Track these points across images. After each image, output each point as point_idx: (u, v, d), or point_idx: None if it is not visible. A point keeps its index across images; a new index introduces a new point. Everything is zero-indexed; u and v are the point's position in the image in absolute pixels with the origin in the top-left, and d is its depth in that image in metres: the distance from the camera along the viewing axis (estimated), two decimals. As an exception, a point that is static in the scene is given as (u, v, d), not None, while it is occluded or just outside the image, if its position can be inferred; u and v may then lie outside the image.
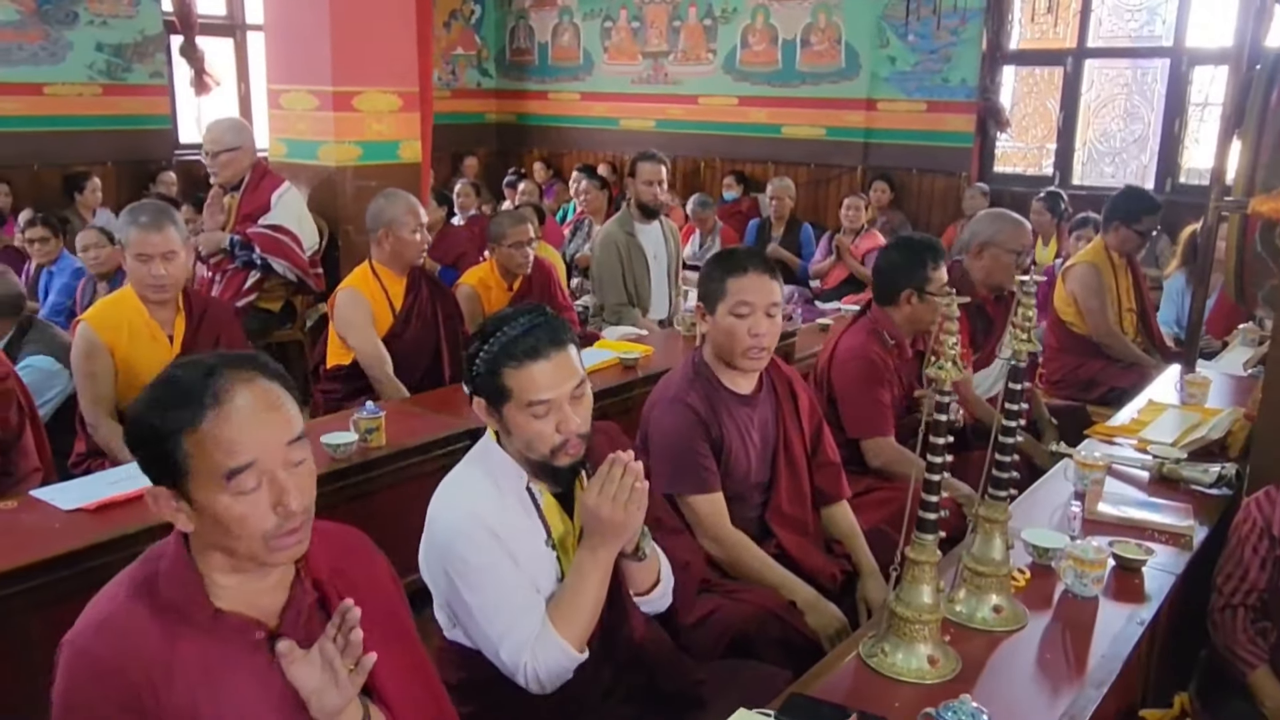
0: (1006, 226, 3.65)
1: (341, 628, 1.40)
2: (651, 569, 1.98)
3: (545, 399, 1.81)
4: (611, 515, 1.78)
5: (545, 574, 1.88)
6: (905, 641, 1.84)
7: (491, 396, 1.85)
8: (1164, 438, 3.06)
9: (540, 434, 1.82)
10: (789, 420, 2.55)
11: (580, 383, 1.86)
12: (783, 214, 7.40)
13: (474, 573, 1.82)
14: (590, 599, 1.83)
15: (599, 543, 1.83)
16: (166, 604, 1.38)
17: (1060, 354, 4.61)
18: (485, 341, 1.85)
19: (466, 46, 10.62)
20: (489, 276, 4.28)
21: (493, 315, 1.93)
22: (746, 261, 2.44)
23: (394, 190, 3.88)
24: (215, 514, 1.35)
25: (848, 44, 8.31)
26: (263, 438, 1.36)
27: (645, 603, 2.00)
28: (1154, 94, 7.36)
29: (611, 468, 1.79)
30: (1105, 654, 1.95)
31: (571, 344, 1.87)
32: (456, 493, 1.90)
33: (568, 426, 1.83)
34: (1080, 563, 2.13)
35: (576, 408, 1.85)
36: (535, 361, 1.80)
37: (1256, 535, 2.41)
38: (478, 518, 1.83)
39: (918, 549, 1.82)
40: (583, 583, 1.83)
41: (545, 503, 1.92)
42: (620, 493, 1.78)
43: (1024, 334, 1.97)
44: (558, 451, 1.84)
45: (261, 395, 1.38)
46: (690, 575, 2.20)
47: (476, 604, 1.82)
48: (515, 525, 1.86)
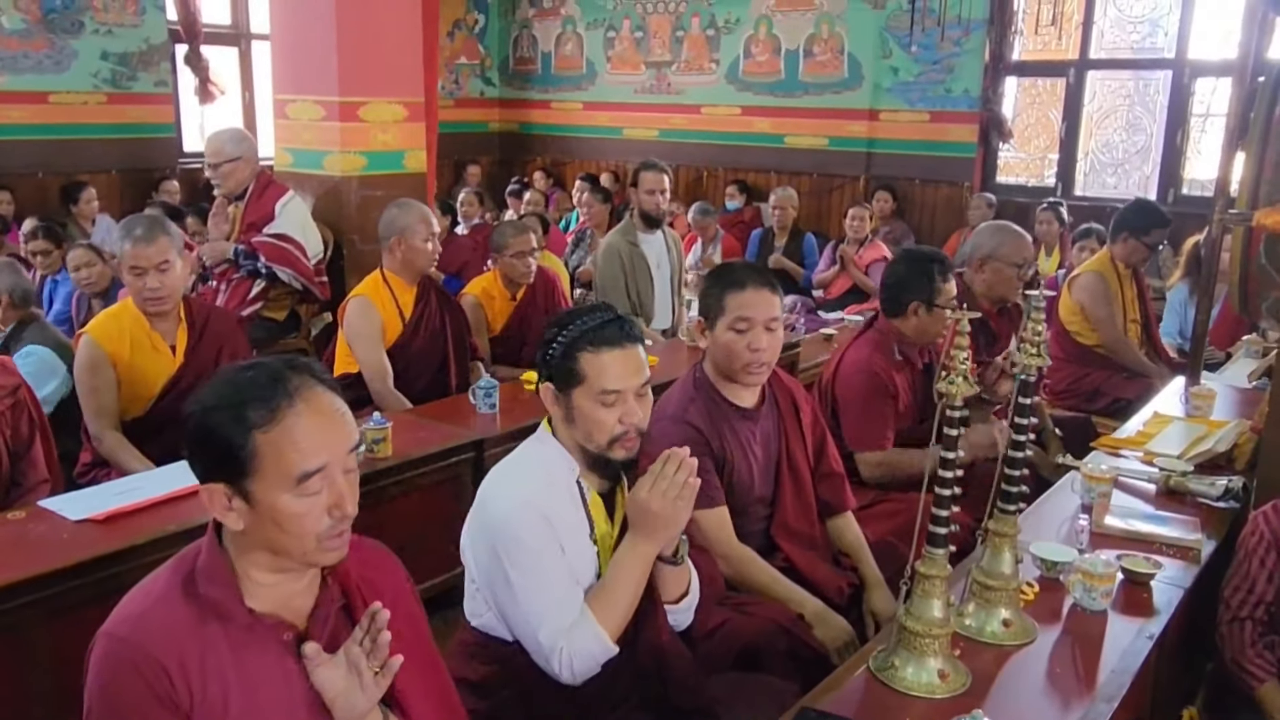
0: (1008, 239, 3.66)
1: (370, 631, 1.44)
2: (683, 578, 2.01)
3: (616, 388, 1.88)
4: (662, 509, 1.83)
5: (586, 568, 1.92)
6: (915, 655, 1.84)
7: (563, 380, 1.91)
8: (1170, 450, 3.07)
9: (602, 422, 1.88)
10: (791, 433, 2.55)
11: (646, 381, 1.93)
12: (786, 224, 7.41)
13: (525, 554, 1.85)
14: (629, 592, 1.87)
15: (644, 537, 1.87)
16: (204, 601, 1.41)
17: (1065, 364, 4.61)
18: (564, 328, 1.92)
19: (470, 56, 10.66)
20: (492, 286, 4.29)
21: (569, 309, 2.03)
22: (745, 276, 2.45)
23: (407, 200, 3.90)
24: (275, 512, 1.39)
25: (850, 54, 8.32)
26: (332, 442, 1.41)
27: (673, 613, 2.02)
28: (1156, 105, 7.37)
29: (667, 463, 1.84)
30: (1115, 668, 1.95)
31: (641, 344, 1.95)
32: (513, 476, 1.96)
33: (631, 419, 1.89)
34: (1089, 577, 2.13)
35: (640, 403, 1.92)
36: (612, 350, 1.88)
37: (1264, 548, 2.41)
38: (532, 502, 1.88)
39: (928, 563, 1.83)
40: (624, 575, 1.87)
41: (591, 500, 1.96)
42: (672, 488, 1.83)
43: (1034, 348, 1.98)
44: (615, 443, 1.90)
45: (328, 401, 1.43)
46: (713, 590, 2.21)
47: (522, 584, 1.85)
48: (563, 516, 1.91)
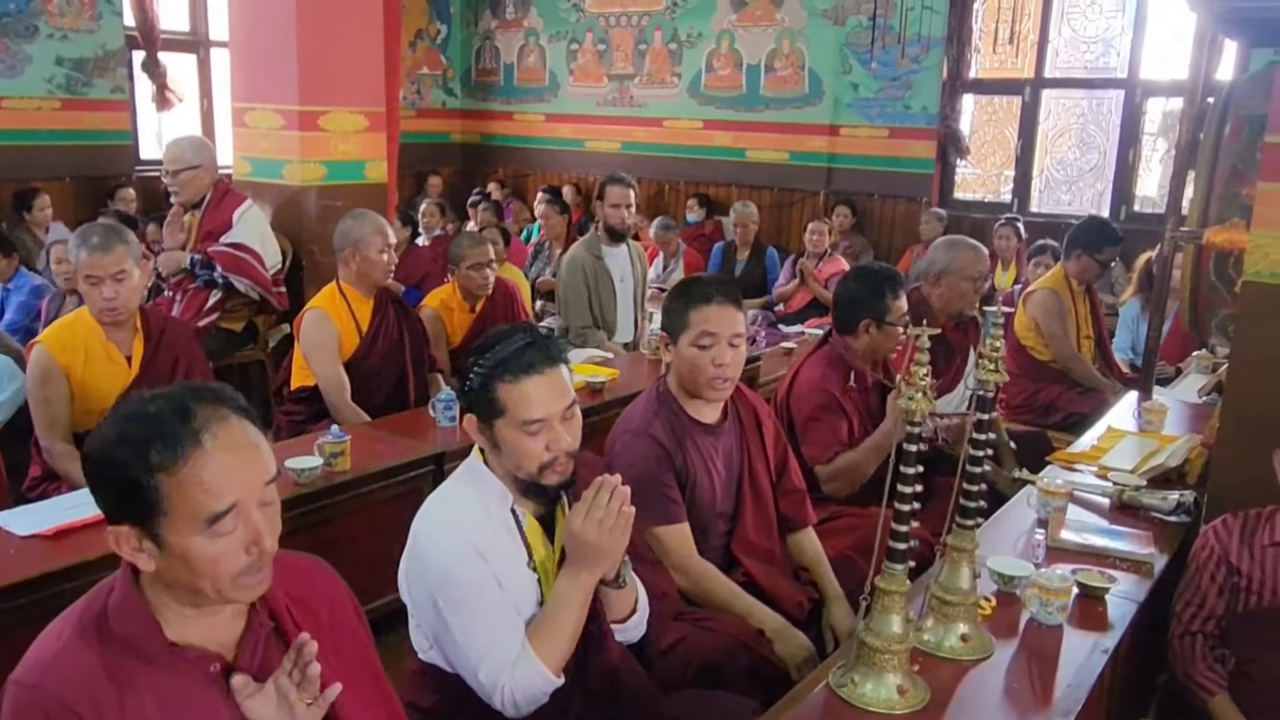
0: (963, 255, 3.70)
1: (298, 662, 1.38)
2: (629, 597, 1.99)
3: (538, 416, 1.83)
4: (597, 539, 1.80)
5: (526, 597, 1.89)
6: (875, 671, 1.84)
7: (484, 412, 1.87)
8: (1124, 464, 3.11)
9: (529, 452, 1.84)
10: (754, 449, 2.56)
11: (571, 403, 1.89)
12: (747, 239, 7.45)
13: (460, 592, 1.82)
14: (570, 624, 1.84)
15: (582, 567, 1.84)
16: (118, 639, 1.35)
17: (1020, 379, 4.66)
18: (480, 357, 1.88)
19: (432, 66, 10.62)
20: (451, 299, 4.27)
21: (490, 332, 1.95)
22: (710, 292, 2.45)
23: (362, 210, 3.86)
24: (187, 555, 1.33)
25: (811, 70, 8.40)
26: (244, 479, 1.34)
27: (621, 631, 2.00)
28: (1109, 124, 7.51)
29: (599, 492, 1.81)
30: (1071, 683, 1.96)
31: (564, 363, 1.91)
32: (444, 511, 1.91)
33: (558, 445, 1.85)
34: (1045, 591, 2.15)
35: (567, 427, 1.88)
36: (530, 377, 1.83)
37: (1214, 563, 2.45)
38: (466, 537, 1.84)
39: (888, 579, 1.83)
40: (564, 607, 1.84)
41: (528, 525, 1.93)
42: (606, 517, 1.80)
43: (991, 364, 2.00)
44: (546, 469, 1.86)
45: (240, 434, 1.36)
46: (666, 605, 2.20)
47: (459, 624, 1.82)
48: (500, 546, 1.88)
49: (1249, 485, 2.52)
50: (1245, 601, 2.42)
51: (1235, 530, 2.46)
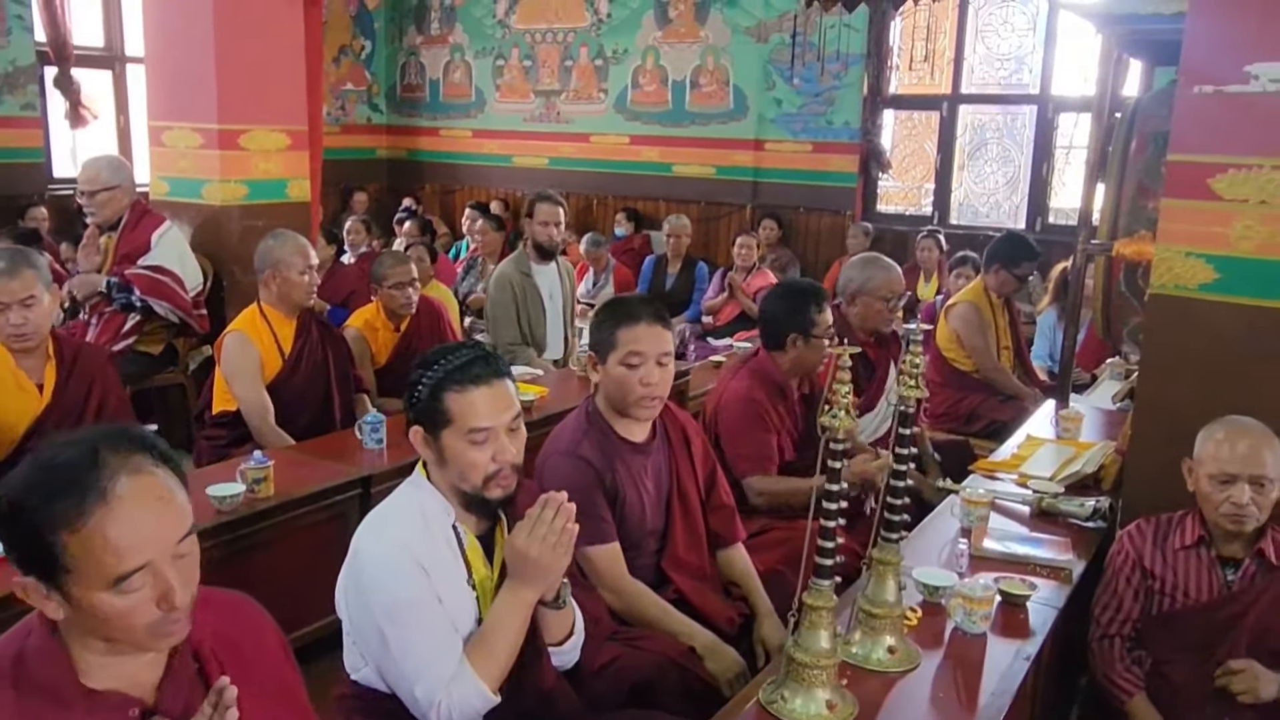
0: (877, 274, 3.75)
1: (217, 706, 1.34)
2: (567, 619, 1.99)
3: (485, 425, 1.85)
4: (540, 556, 1.80)
5: (465, 615, 1.89)
6: (804, 687, 1.86)
7: (431, 422, 1.87)
8: (1042, 472, 3.19)
9: (475, 462, 1.85)
10: (683, 466, 2.57)
11: (517, 415, 1.91)
12: (680, 251, 7.49)
13: (399, 607, 1.81)
14: (509, 641, 1.84)
15: (523, 584, 1.84)
16: (34, 684, 1.31)
17: (942, 389, 4.76)
18: (429, 368, 1.89)
19: (357, 82, 10.51)
20: (375, 318, 4.22)
21: (436, 347, 1.97)
22: (637, 312, 2.47)
23: (282, 230, 3.80)
24: (95, 610, 1.28)
25: (735, 86, 8.50)
26: (154, 537, 1.29)
27: (557, 654, 2.00)
28: (1023, 138, 7.73)
29: (544, 508, 1.82)
30: (995, 690, 2.01)
31: (509, 378, 1.92)
32: (386, 525, 1.90)
33: (504, 455, 1.87)
34: (968, 601, 2.19)
35: (513, 439, 1.90)
36: (478, 387, 1.85)
37: (1130, 567, 2.53)
38: (408, 551, 1.84)
39: (814, 595, 1.86)
40: (503, 624, 1.84)
41: (469, 544, 1.93)
42: (550, 534, 1.81)
43: (911, 380, 2.04)
44: (490, 481, 1.87)
45: (151, 488, 1.30)
46: (600, 629, 2.20)
47: (397, 639, 1.81)
48: (440, 563, 1.87)
49: (1161, 490, 2.61)
50: (1159, 604, 2.50)
51: (1148, 535, 2.54)
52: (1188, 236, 2.62)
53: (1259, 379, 2.56)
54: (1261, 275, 2.52)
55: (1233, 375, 2.60)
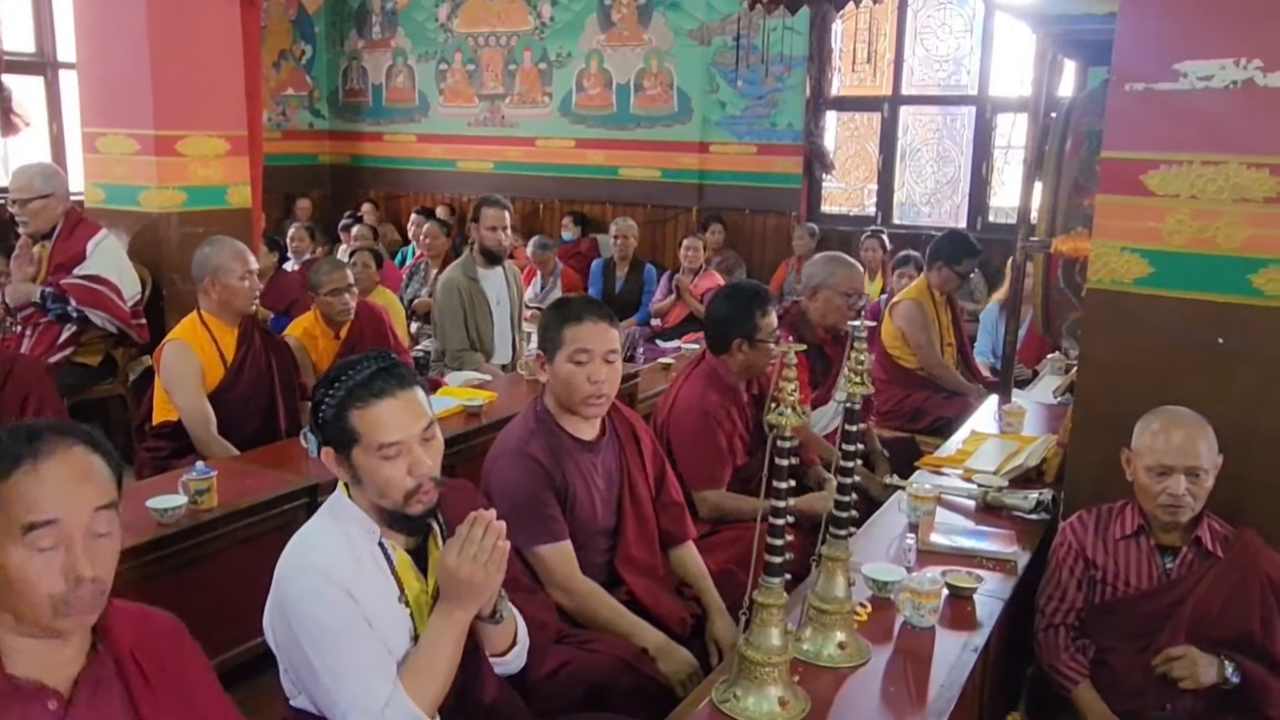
0: (839, 270, 3.80)
1: None
2: (508, 631, 1.96)
3: (395, 440, 1.79)
4: (471, 576, 1.76)
5: (398, 634, 1.84)
6: (756, 685, 1.87)
7: (339, 442, 1.82)
8: (987, 466, 3.24)
9: (391, 479, 1.79)
10: (633, 464, 2.57)
11: (430, 424, 1.85)
12: (627, 254, 7.49)
13: (325, 635, 1.76)
14: (444, 663, 1.80)
15: (456, 604, 1.80)
16: None
17: (888, 386, 4.82)
18: (330, 386, 1.83)
19: (298, 87, 10.38)
20: (314, 326, 4.17)
21: (338, 361, 1.91)
22: (583, 310, 2.47)
23: (219, 237, 3.74)
24: (5, 569, 1.34)
25: (679, 89, 8.53)
26: (69, 499, 1.36)
27: (500, 664, 1.97)
28: (963, 139, 7.85)
29: (473, 527, 1.78)
30: (944, 683, 2.03)
31: (419, 386, 1.87)
32: (308, 550, 1.84)
33: (420, 469, 1.80)
34: (916, 594, 2.22)
35: (427, 450, 1.83)
36: (382, 400, 1.79)
37: (1073, 558, 2.57)
38: (331, 577, 1.78)
39: (764, 593, 1.87)
40: (437, 646, 1.80)
41: (399, 560, 1.88)
42: (481, 553, 1.76)
43: (858, 376, 2.06)
44: (411, 497, 1.81)
45: (78, 461, 1.39)
46: (545, 635, 2.18)
47: (325, 668, 1.76)
48: (369, 584, 1.82)
49: (1102, 481, 2.67)
50: (1102, 593, 2.55)
51: (1090, 525, 2.59)
52: (1122, 232, 2.68)
53: (1193, 370, 2.62)
54: (1193, 268, 2.58)
55: (1168, 367, 2.65)
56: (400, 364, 1.86)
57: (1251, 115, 2.49)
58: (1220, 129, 2.53)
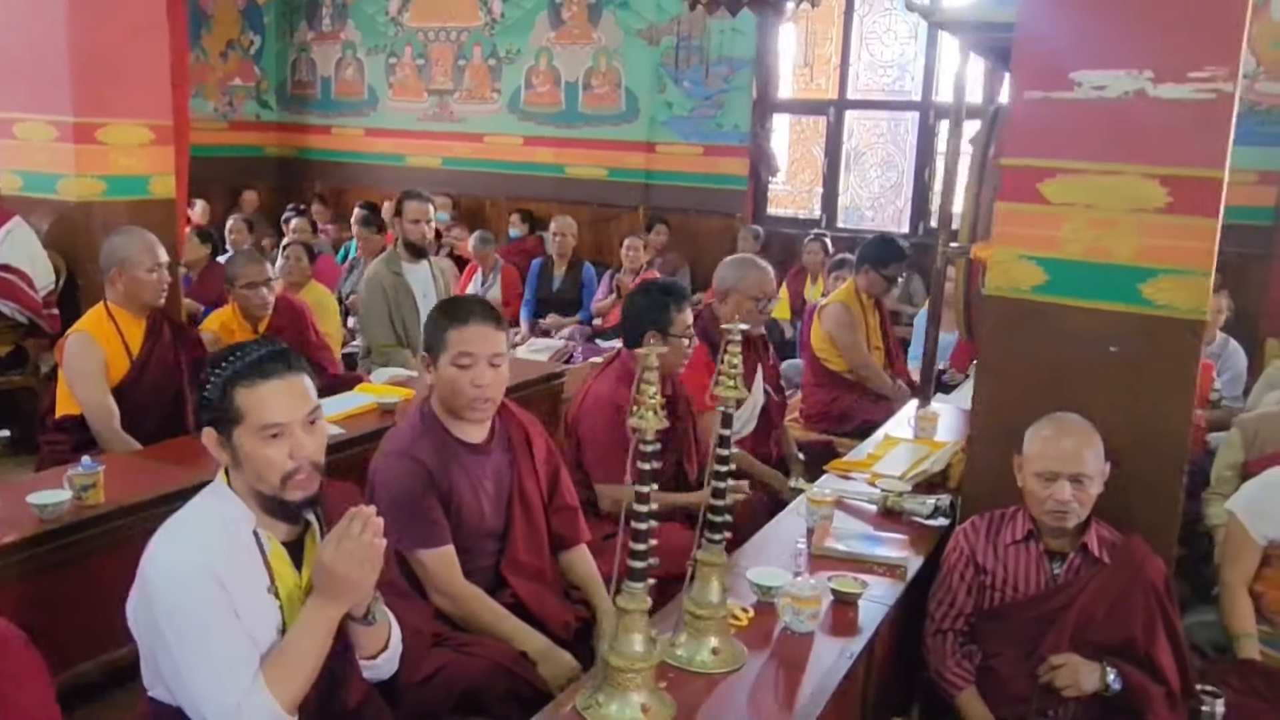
0: (750, 274, 3.78)
1: None
2: (381, 633, 1.93)
3: (278, 421, 1.79)
4: (346, 572, 1.75)
5: (265, 625, 1.81)
6: (619, 691, 1.84)
7: (223, 421, 1.81)
8: (893, 471, 3.24)
9: (271, 460, 1.79)
10: (523, 467, 2.54)
11: (314, 410, 1.85)
12: (565, 252, 7.44)
13: (189, 624, 1.73)
14: (310, 659, 1.77)
15: (328, 600, 1.78)
16: None
17: (816, 389, 4.83)
18: (218, 365, 1.83)
19: (245, 77, 10.25)
20: (231, 320, 4.10)
21: (226, 347, 1.91)
22: (469, 312, 2.44)
23: (130, 227, 3.67)
24: None
25: (627, 88, 8.52)
26: None
27: (370, 668, 1.93)
28: (906, 144, 7.90)
29: (351, 522, 1.76)
30: (815, 689, 2.02)
31: (305, 374, 1.87)
32: (178, 537, 1.82)
33: (301, 452, 1.80)
34: (796, 600, 2.20)
35: (310, 435, 1.83)
36: (269, 381, 1.80)
37: (963, 563, 2.58)
38: (200, 565, 1.75)
39: (627, 598, 1.84)
40: (304, 641, 1.78)
41: (272, 550, 1.86)
42: (358, 549, 1.75)
43: (730, 380, 2.04)
44: (289, 481, 1.80)
45: None
46: (420, 641, 2.14)
47: (186, 658, 1.73)
48: (239, 573, 1.80)
49: (998, 486, 2.67)
50: (990, 599, 2.56)
51: (982, 530, 2.60)
52: (1021, 239, 2.69)
53: (1086, 377, 2.63)
54: (1086, 277, 2.60)
55: (1063, 374, 2.67)
56: (290, 352, 1.87)
57: (1144, 125, 2.51)
58: (1115, 139, 2.54)
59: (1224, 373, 5.01)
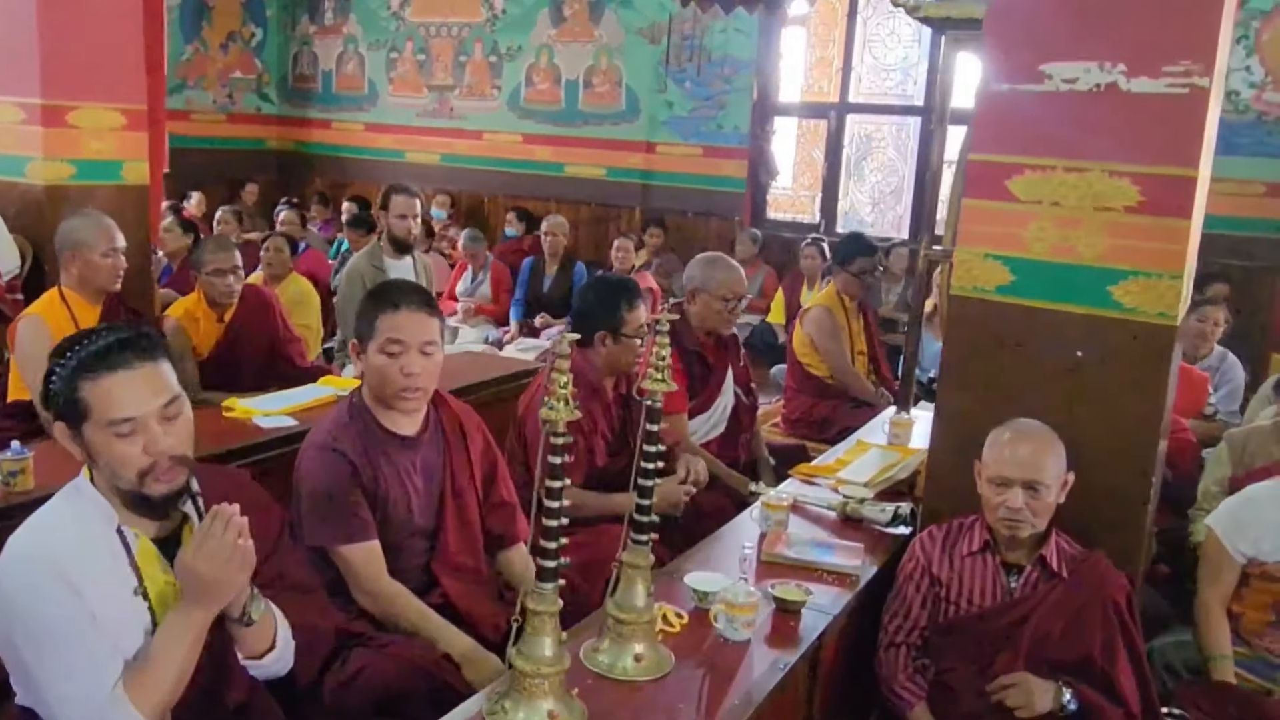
0: (718, 274, 3.67)
1: None
2: (265, 633, 1.81)
3: (128, 416, 1.66)
4: (210, 574, 1.64)
5: (131, 630, 1.70)
6: (526, 697, 1.75)
7: (71, 415, 1.69)
8: (860, 477, 3.13)
9: (124, 457, 1.66)
10: (458, 462, 2.44)
11: (172, 400, 1.71)
12: (556, 251, 7.34)
13: (42, 632, 1.63)
14: (175, 666, 1.66)
15: (195, 603, 1.67)
16: None
17: (798, 395, 4.72)
18: (62, 355, 1.70)
19: (246, 70, 10.22)
20: (196, 308, 4.01)
21: (73, 333, 1.77)
22: (399, 297, 2.34)
23: (88, 210, 3.60)
24: None
25: (628, 87, 8.43)
26: None
27: (258, 668, 1.83)
28: (908, 149, 7.77)
29: (213, 522, 1.65)
30: (739, 700, 1.92)
31: (164, 360, 1.73)
32: (34, 538, 1.71)
33: (155, 448, 1.67)
34: (731, 606, 2.10)
35: (168, 428, 1.70)
36: (116, 373, 1.66)
37: (919, 574, 2.47)
38: (54, 568, 1.64)
39: (536, 599, 1.74)
40: (169, 648, 1.66)
41: (140, 549, 1.74)
42: (221, 549, 1.63)
43: (658, 373, 1.94)
44: (147, 477, 1.68)
45: None
46: (319, 638, 2.03)
47: (39, 666, 1.63)
48: (99, 576, 1.68)
49: (959, 495, 2.56)
50: (945, 611, 2.45)
51: (939, 540, 2.49)
52: (986, 238, 2.57)
53: (1052, 382, 2.52)
54: (1051, 278, 2.48)
55: (1027, 379, 2.55)
56: (145, 336, 1.73)
57: (1114, 121, 2.39)
58: (1084, 134, 2.43)
59: (1221, 386, 4.87)
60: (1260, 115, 6.38)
